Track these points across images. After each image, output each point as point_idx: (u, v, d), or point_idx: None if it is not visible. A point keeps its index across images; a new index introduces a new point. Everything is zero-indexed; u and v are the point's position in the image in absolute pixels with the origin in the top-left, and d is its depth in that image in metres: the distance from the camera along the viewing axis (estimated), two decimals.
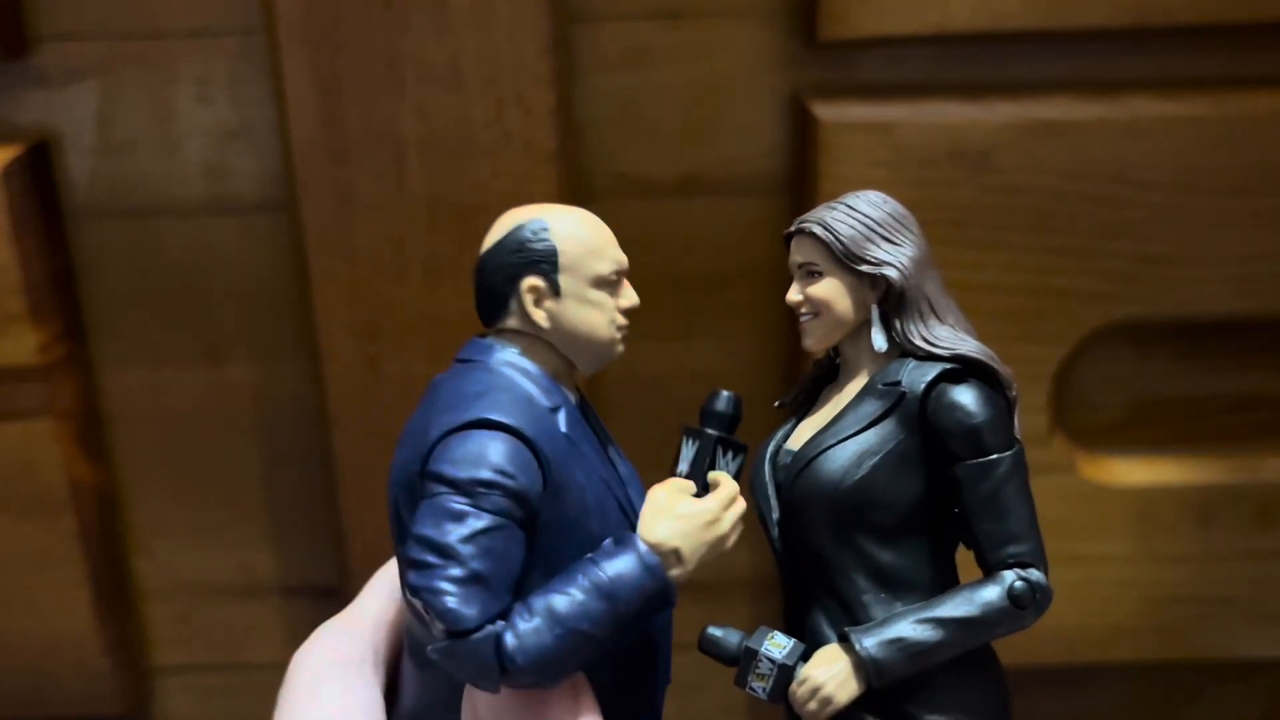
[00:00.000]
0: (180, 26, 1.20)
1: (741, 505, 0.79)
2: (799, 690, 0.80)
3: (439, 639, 0.71)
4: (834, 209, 0.83)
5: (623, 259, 0.83)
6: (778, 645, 0.82)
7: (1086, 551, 1.27)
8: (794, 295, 0.85)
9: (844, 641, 0.80)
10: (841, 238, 0.82)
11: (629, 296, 0.84)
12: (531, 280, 0.80)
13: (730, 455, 0.83)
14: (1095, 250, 1.19)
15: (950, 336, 0.81)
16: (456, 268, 1.18)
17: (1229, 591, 1.30)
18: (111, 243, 1.26)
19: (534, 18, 1.13)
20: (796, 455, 0.84)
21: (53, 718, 1.35)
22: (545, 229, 0.81)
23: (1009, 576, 0.78)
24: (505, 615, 0.72)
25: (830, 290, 0.83)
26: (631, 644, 0.81)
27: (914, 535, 0.81)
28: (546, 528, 0.76)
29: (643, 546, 0.75)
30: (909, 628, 0.78)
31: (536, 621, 0.71)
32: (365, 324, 1.20)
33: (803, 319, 0.85)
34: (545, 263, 0.80)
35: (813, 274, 0.84)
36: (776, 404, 0.91)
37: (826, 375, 0.89)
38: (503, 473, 0.73)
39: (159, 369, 1.29)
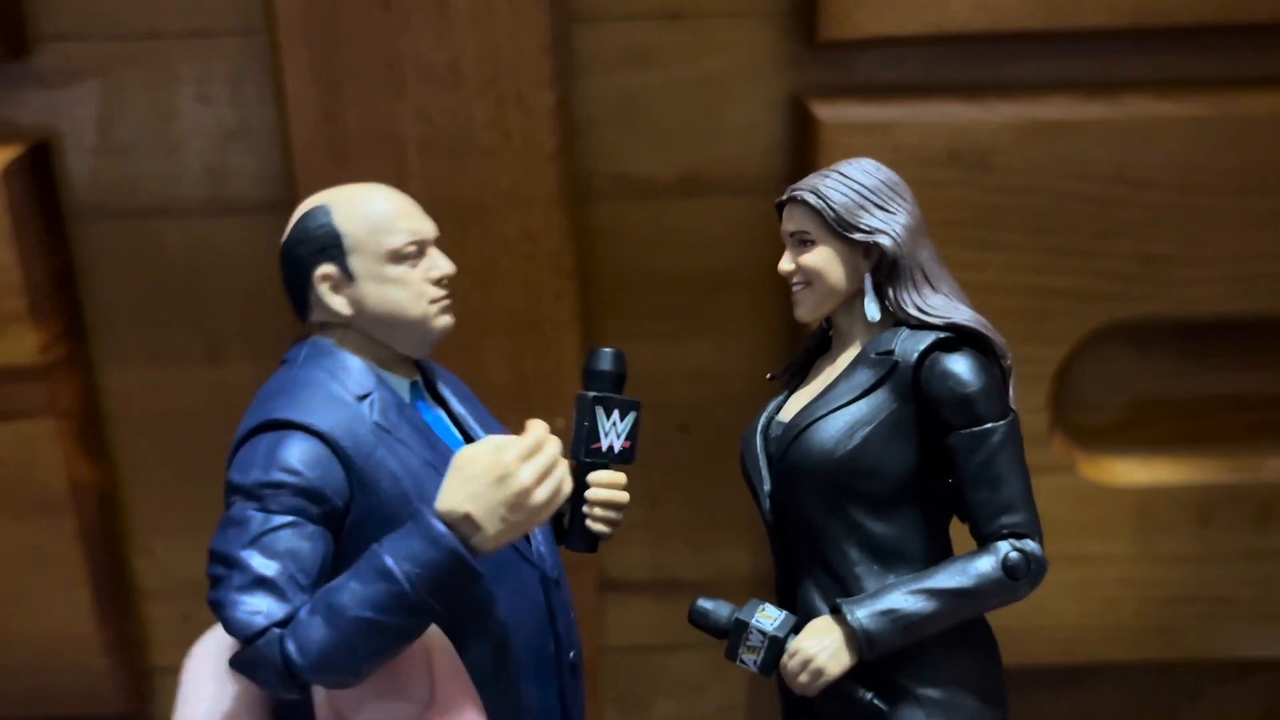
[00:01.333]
0: (180, 26, 1.19)
1: (549, 453, 0.70)
2: (790, 662, 0.79)
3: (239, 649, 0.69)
4: (826, 176, 0.82)
5: (421, 228, 0.78)
6: (768, 618, 0.81)
7: (1086, 551, 1.27)
8: (785, 264, 0.83)
9: (836, 613, 0.79)
10: (834, 205, 0.80)
11: (438, 265, 0.79)
12: (323, 269, 0.76)
13: (618, 414, 0.79)
14: (1095, 250, 1.19)
15: (944, 305, 0.80)
16: (456, 268, 1.17)
17: (1229, 591, 1.30)
18: (111, 243, 1.26)
19: (534, 18, 1.13)
20: (788, 425, 0.83)
21: (53, 718, 1.35)
22: (326, 212, 0.77)
23: (1003, 547, 0.77)
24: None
25: (822, 259, 0.81)
26: (498, 626, 0.77)
27: (907, 506, 0.80)
28: (363, 522, 0.73)
29: (427, 517, 0.68)
30: (901, 599, 0.77)
31: (316, 618, 0.67)
32: None
33: (795, 289, 0.83)
34: (332, 248, 0.76)
35: (805, 242, 0.82)
36: (769, 377, 0.90)
37: (819, 348, 0.88)
38: (289, 470, 0.71)
39: (159, 369, 1.29)
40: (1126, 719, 1.42)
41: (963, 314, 0.80)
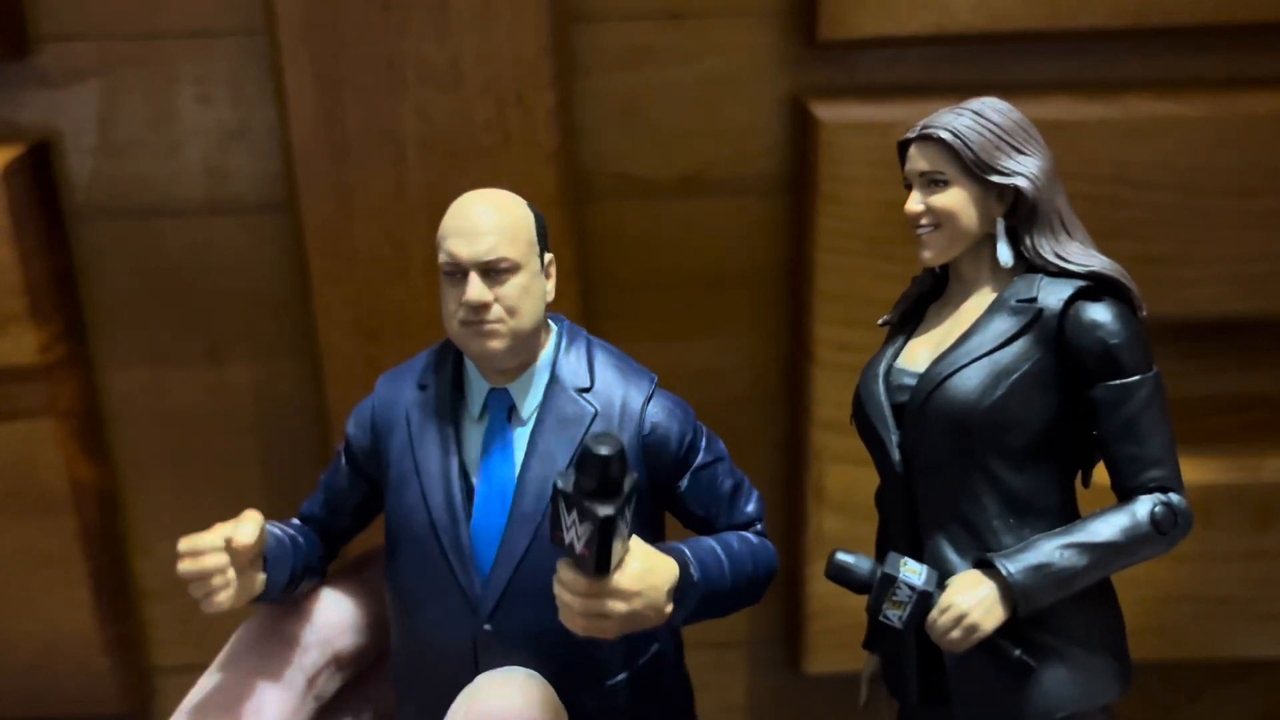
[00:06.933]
0: (180, 26, 1.20)
1: (208, 562, 0.77)
2: (941, 619, 0.75)
3: None
4: (960, 115, 0.79)
5: (458, 251, 0.78)
6: (913, 571, 0.76)
7: None
8: (915, 205, 0.80)
9: (985, 567, 0.76)
10: (971, 145, 0.78)
11: (467, 290, 0.77)
12: None
13: (576, 516, 0.67)
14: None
15: (1082, 252, 0.79)
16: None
17: (1229, 591, 1.30)
18: (111, 243, 1.26)
19: (534, 18, 1.13)
20: (925, 375, 0.79)
21: (53, 718, 1.35)
22: None
23: (1149, 501, 0.76)
24: (307, 518, 0.89)
25: (956, 200, 0.79)
26: (417, 639, 0.83)
27: (1043, 459, 0.78)
28: (385, 478, 0.84)
29: None
30: (1054, 553, 0.75)
31: None
32: (365, 324, 1.20)
33: (921, 231, 0.80)
34: None
35: (936, 183, 0.79)
36: (880, 322, 0.87)
37: (930, 293, 0.85)
38: (349, 421, 0.85)
39: (159, 369, 1.29)
40: (1126, 719, 1.42)
41: (1101, 262, 0.78)
